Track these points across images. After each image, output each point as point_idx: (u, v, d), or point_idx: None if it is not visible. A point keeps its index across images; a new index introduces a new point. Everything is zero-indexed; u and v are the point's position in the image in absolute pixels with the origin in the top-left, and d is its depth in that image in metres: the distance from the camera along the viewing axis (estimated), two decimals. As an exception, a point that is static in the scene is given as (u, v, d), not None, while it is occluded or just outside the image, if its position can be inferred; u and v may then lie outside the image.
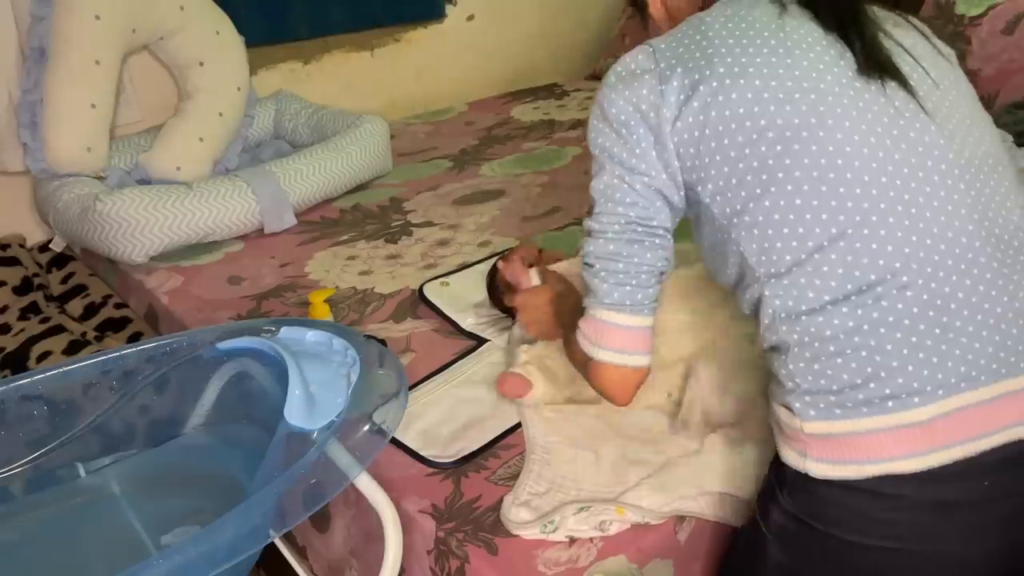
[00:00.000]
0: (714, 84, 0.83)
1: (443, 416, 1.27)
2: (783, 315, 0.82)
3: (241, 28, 2.23)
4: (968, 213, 0.80)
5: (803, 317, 0.81)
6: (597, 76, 3.15)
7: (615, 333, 0.92)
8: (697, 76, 0.84)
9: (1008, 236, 0.82)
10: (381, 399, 1.05)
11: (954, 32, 2.03)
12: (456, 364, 1.41)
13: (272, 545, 1.31)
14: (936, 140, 0.83)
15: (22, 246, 2.01)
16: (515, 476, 1.15)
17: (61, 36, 1.88)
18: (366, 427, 1.00)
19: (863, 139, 0.81)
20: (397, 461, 1.19)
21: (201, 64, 2.14)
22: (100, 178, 2.00)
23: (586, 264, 0.95)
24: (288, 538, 1.37)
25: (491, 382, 1.36)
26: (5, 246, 1.96)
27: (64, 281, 1.94)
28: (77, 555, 1.11)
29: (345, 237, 1.96)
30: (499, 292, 1.51)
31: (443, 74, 3.03)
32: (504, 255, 1.55)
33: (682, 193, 0.90)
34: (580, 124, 2.67)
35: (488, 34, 3.07)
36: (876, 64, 0.84)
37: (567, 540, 1.04)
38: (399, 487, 1.14)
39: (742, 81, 0.83)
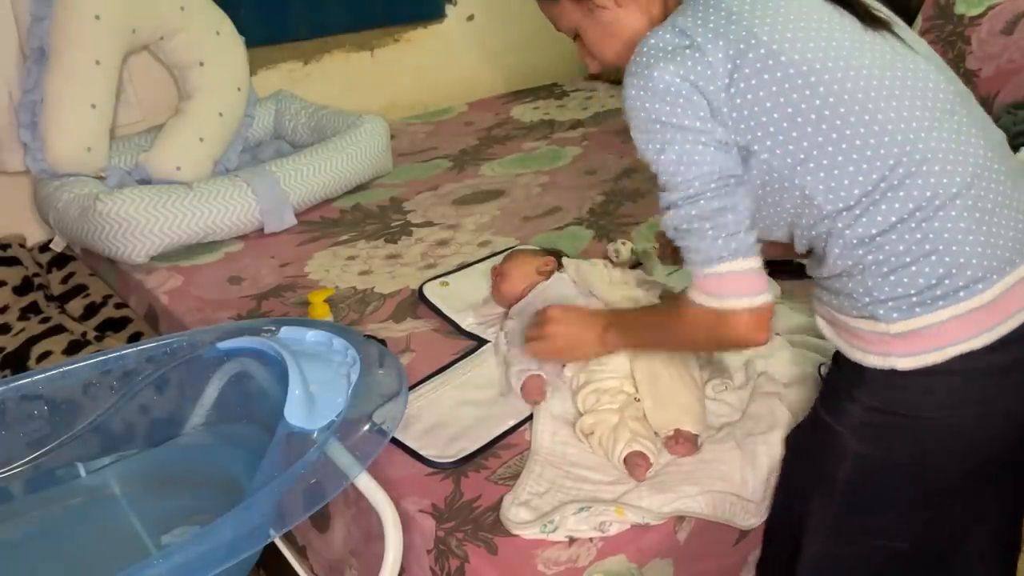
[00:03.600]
0: (762, 51, 0.92)
1: (443, 416, 1.27)
2: (856, 241, 0.93)
3: (241, 28, 2.23)
4: (977, 132, 0.96)
5: (878, 238, 0.92)
6: (597, 76, 3.14)
7: (741, 280, 0.97)
8: (742, 46, 0.93)
9: (999, 145, 0.99)
10: (381, 399, 1.05)
11: (954, 32, 2.03)
12: (456, 364, 1.41)
13: (272, 545, 1.30)
14: (935, 75, 0.97)
15: (22, 246, 2.01)
16: (515, 476, 1.15)
17: (61, 36, 1.88)
18: (366, 427, 1.00)
19: (890, 81, 0.94)
20: (397, 461, 1.19)
21: (201, 64, 2.14)
22: (100, 178, 2.00)
23: (676, 236, 0.98)
24: (288, 538, 1.37)
25: (491, 382, 1.36)
26: (5, 246, 1.96)
27: (64, 281, 1.94)
28: (77, 555, 1.11)
29: (345, 237, 1.96)
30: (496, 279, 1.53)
31: (443, 74, 3.02)
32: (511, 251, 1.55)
33: (734, 150, 0.96)
34: (580, 124, 2.67)
35: (488, 34, 3.07)
36: (872, 19, 0.98)
37: (567, 540, 1.04)
38: (399, 487, 1.14)
39: (787, 46, 0.93)
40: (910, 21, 2.17)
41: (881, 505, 1.03)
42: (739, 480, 1.14)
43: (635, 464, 1.13)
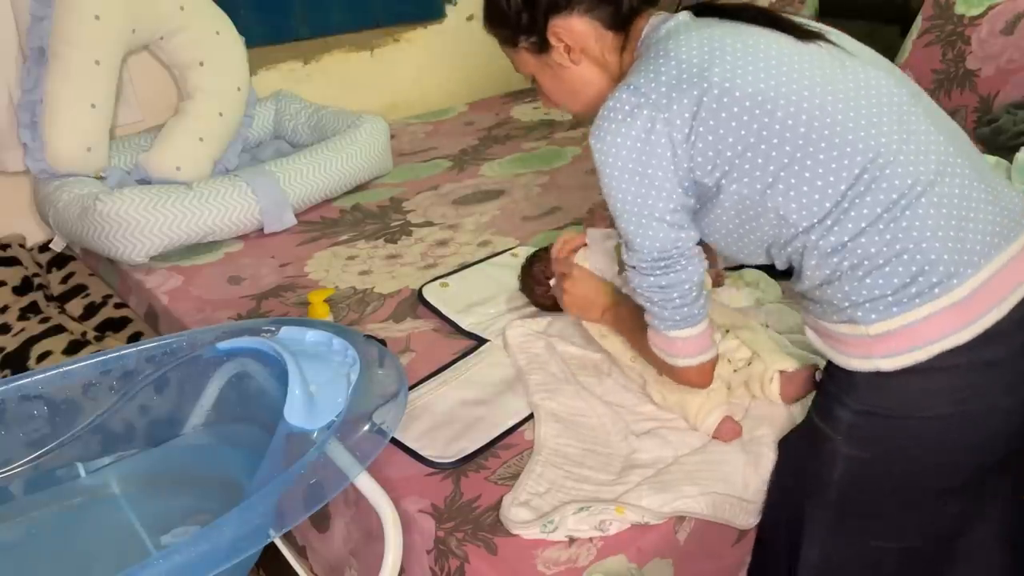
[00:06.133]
0: (715, 92, 0.95)
1: (443, 416, 1.27)
2: (829, 250, 0.95)
3: (241, 28, 2.23)
4: (936, 129, 0.96)
5: (849, 244, 0.94)
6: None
7: (686, 344, 1.08)
8: (696, 92, 0.95)
9: (958, 139, 0.99)
10: (381, 399, 1.05)
11: (954, 32, 2.03)
12: (456, 364, 1.41)
13: (272, 545, 1.30)
14: (885, 78, 0.99)
15: (22, 246, 2.01)
16: (515, 476, 1.15)
17: (61, 36, 1.88)
18: (366, 427, 1.00)
19: (843, 91, 0.95)
20: (397, 461, 1.19)
21: (201, 64, 2.14)
22: (100, 178, 2.00)
23: (639, 295, 1.08)
24: (288, 538, 1.37)
25: (491, 382, 1.36)
26: (5, 246, 1.96)
27: (64, 281, 1.94)
28: (77, 555, 1.11)
29: (345, 237, 1.96)
30: (533, 283, 1.52)
31: (443, 74, 3.02)
32: (545, 249, 1.53)
33: (695, 196, 1.01)
34: (580, 124, 2.67)
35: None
36: (805, 33, 1.01)
37: (567, 540, 1.04)
38: (399, 487, 1.14)
39: (739, 81, 0.95)
40: (910, 21, 2.17)
41: (877, 507, 1.03)
42: (741, 483, 1.14)
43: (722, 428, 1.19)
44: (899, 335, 0.93)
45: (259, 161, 2.22)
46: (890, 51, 2.20)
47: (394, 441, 1.20)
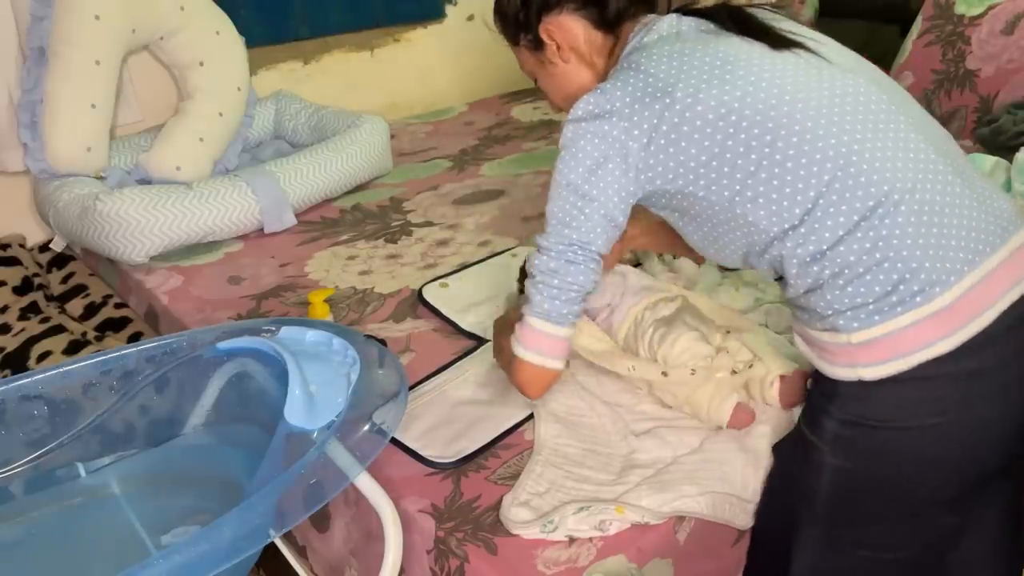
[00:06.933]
0: (678, 107, 0.97)
1: (443, 416, 1.27)
2: (808, 258, 0.95)
3: (241, 28, 2.23)
4: (917, 135, 0.96)
5: (828, 252, 0.93)
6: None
7: (535, 336, 1.08)
8: (658, 107, 0.98)
9: (943, 144, 0.98)
10: (381, 399, 1.05)
11: (954, 32, 2.03)
12: (456, 364, 1.41)
13: (272, 545, 1.31)
14: (864, 85, 0.98)
15: (22, 246, 2.02)
16: (515, 476, 1.15)
17: (61, 36, 1.88)
18: (366, 427, 1.00)
19: (816, 99, 0.95)
20: (397, 461, 1.19)
21: (201, 64, 2.14)
22: (100, 178, 2.00)
23: (530, 274, 1.08)
24: (288, 538, 1.37)
25: (491, 382, 1.36)
26: (5, 246, 1.96)
27: (64, 281, 1.94)
28: (77, 555, 1.11)
29: (345, 237, 1.96)
30: None
31: (443, 74, 3.03)
32: None
33: (627, 209, 1.04)
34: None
35: (488, 34, 3.06)
36: (780, 40, 1.01)
37: (567, 540, 1.04)
38: (399, 487, 1.14)
39: (702, 96, 0.96)
40: (910, 21, 2.17)
41: (865, 518, 1.02)
42: (740, 482, 1.14)
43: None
44: (881, 344, 0.92)
45: (259, 161, 2.22)
46: (890, 51, 2.20)
47: (394, 441, 1.20)
